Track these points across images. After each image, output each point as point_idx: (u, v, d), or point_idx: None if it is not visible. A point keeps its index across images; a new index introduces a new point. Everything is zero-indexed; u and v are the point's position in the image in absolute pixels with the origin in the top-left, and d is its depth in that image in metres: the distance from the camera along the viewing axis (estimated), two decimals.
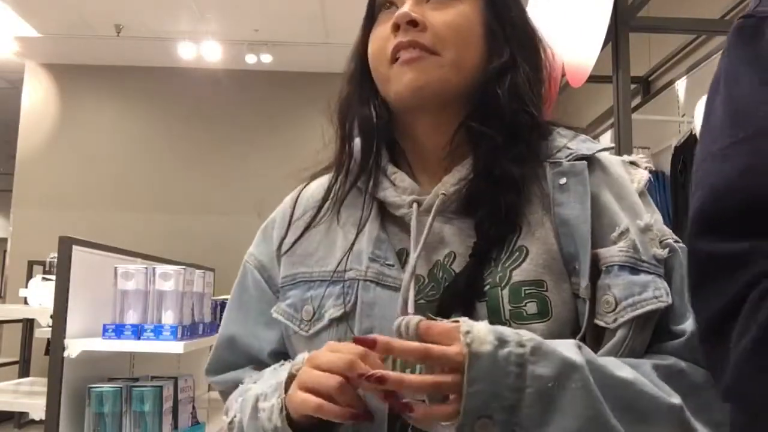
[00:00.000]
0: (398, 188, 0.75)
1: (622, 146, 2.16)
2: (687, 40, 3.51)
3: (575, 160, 0.73)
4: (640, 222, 0.70)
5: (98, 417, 2.18)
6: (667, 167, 3.17)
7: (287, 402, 0.66)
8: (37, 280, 3.14)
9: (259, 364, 0.81)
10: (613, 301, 0.66)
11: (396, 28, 0.73)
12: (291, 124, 6.50)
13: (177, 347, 2.18)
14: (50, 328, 2.22)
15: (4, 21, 5.45)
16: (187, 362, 3.12)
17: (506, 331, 0.59)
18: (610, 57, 2.22)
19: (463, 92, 0.74)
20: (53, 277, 2.37)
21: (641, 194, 0.74)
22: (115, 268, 2.27)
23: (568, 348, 0.60)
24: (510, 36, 0.77)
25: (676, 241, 0.71)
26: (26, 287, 3.15)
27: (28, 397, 2.68)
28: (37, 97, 6.44)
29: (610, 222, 0.70)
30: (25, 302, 3.14)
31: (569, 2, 2.61)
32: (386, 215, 0.76)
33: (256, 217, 1.07)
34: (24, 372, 5.44)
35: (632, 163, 0.78)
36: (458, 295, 0.68)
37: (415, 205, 0.73)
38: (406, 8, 0.72)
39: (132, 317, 2.24)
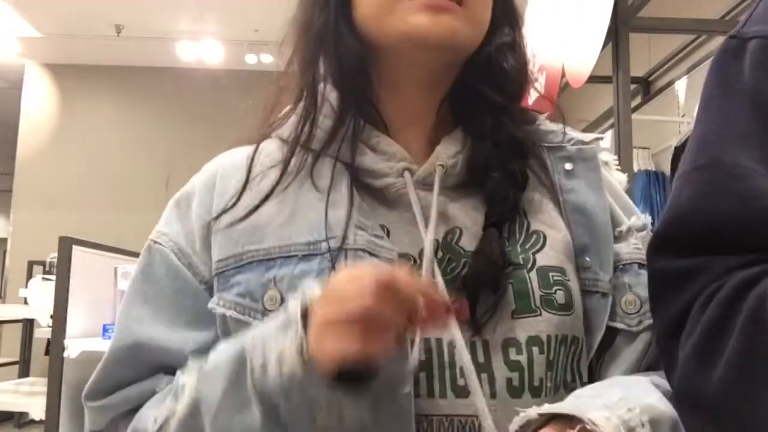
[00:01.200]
0: (383, 154, 0.63)
1: (622, 146, 2.15)
2: (687, 40, 3.51)
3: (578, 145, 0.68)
4: (638, 221, 0.66)
5: None
6: (667, 167, 3.17)
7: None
8: (37, 280, 3.14)
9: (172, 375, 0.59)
10: (638, 301, 0.61)
11: None
12: None
13: None
14: (50, 328, 2.22)
15: (6, 21, 5.45)
16: None
17: None
18: (610, 57, 2.22)
19: (470, 53, 0.65)
20: (53, 277, 2.37)
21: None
22: (115, 268, 2.27)
23: None
24: (510, 11, 0.71)
25: None
26: (26, 287, 3.15)
27: (28, 397, 2.68)
28: (37, 97, 6.44)
29: (614, 217, 0.65)
30: (25, 302, 3.14)
31: (569, 2, 2.61)
32: (359, 186, 0.63)
33: None
34: (24, 372, 5.44)
35: (606, 163, 0.73)
36: (485, 271, 0.58)
37: (407, 174, 0.62)
38: None
39: None
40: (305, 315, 0.49)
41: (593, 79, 2.41)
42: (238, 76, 6.47)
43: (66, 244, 2.21)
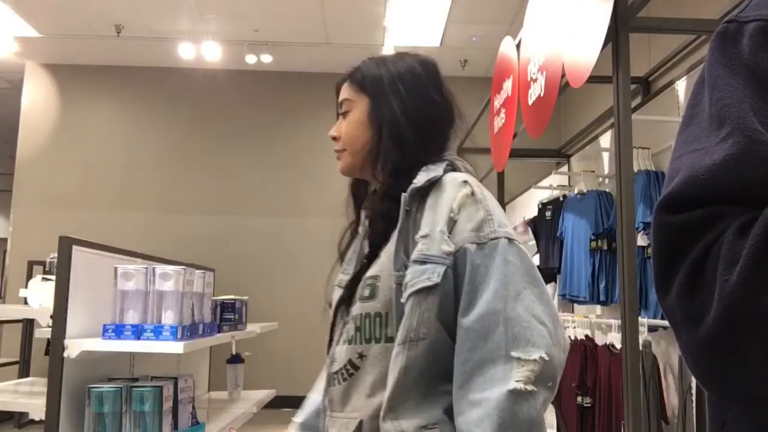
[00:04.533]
0: None
1: (622, 146, 2.15)
2: (687, 40, 3.51)
3: (415, 190, 1.03)
4: (437, 227, 0.98)
5: (98, 417, 2.18)
6: (666, 167, 3.17)
7: None
8: (37, 280, 3.13)
9: None
10: (406, 283, 0.97)
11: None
12: (291, 124, 6.50)
13: (177, 347, 2.18)
14: (50, 328, 2.21)
15: (5, 21, 5.45)
16: (187, 362, 3.12)
17: None
18: (610, 57, 2.22)
19: (366, 162, 1.14)
20: (53, 277, 2.37)
21: (461, 205, 1.00)
22: (115, 268, 2.27)
23: None
24: (390, 119, 1.10)
25: (475, 242, 0.97)
26: (26, 287, 3.15)
27: (28, 397, 2.68)
28: (37, 97, 6.44)
29: (421, 229, 1.00)
30: (25, 302, 3.14)
31: (569, 2, 2.61)
32: None
33: (255, 217, 1.09)
34: (24, 372, 5.44)
35: (465, 182, 1.03)
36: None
37: None
38: (332, 130, 1.18)
39: (132, 317, 2.24)
40: None
41: (593, 79, 2.40)
42: (238, 76, 6.48)
43: (66, 244, 2.21)
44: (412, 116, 1.11)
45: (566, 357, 0.99)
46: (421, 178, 1.04)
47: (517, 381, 0.88)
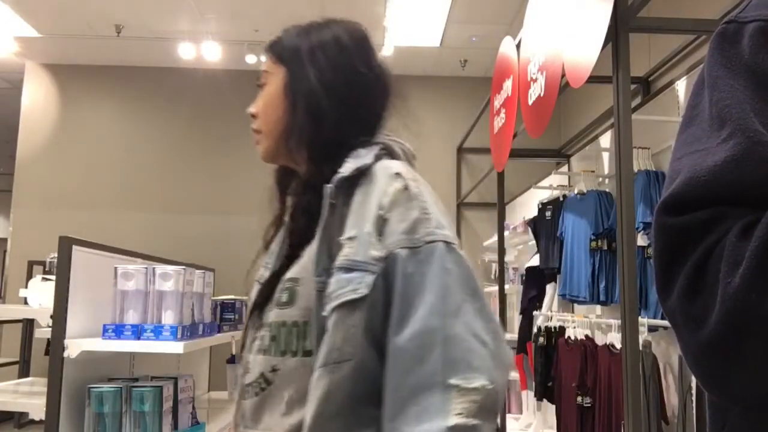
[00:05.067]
0: None
1: (622, 146, 2.15)
2: (687, 40, 3.51)
3: (341, 180, 0.89)
4: (365, 227, 0.85)
5: (98, 417, 2.18)
6: (666, 167, 3.17)
7: None
8: (37, 280, 3.13)
9: None
10: (329, 294, 0.84)
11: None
12: None
13: (177, 347, 2.18)
14: (50, 328, 2.21)
15: (4, 21, 5.45)
16: (187, 362, 3.12)
17: None
18: (610, 57, 2.22)
19: (283, 143, 1.02)
20: (53, 277, 2.37)
21: (393, 202, 0.86)
22: (115, 268, 2.27)
23: None
24: (305, 90, 0.98)
25: (408, 246, 0.84)
26: (26, 287, 3.15)
27: (28, 397, 2.68)
28: (37, 97, 6.44)
29: (347, 229, 0.87)
30: (25, 302, 3.14)
31: (569, 2, 2.61)
32: None
33: (255, 217, 1.07)
34: (24, 372, 5.44)
35: (398, 174, 0.89)
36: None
37: None
38: (251, 107, 1.09)
39: (132, 317, 2.24)
40: None
41: (593, 79, 2.40)
42: (237, 76, 6.47)
43: (66, 244, 2.21)
44: (332, 88, 0.97)
45: (509, 375, 0.88)
46: (348, 167, 0.90)
47: (457, 414, 0.76)
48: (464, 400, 0.77)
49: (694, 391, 2.52)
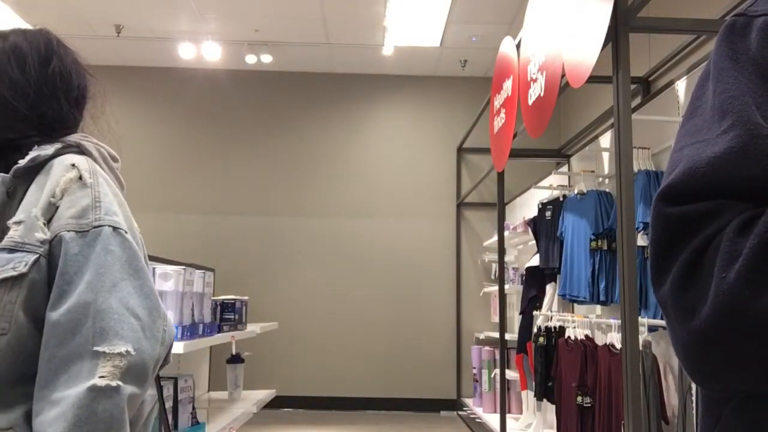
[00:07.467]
0: None
1: (622, 146, 2.15)
2: (687, 40, 3.51)
3: (20, 170, 0.95)
4: (32, 212, 0.91)
5: None
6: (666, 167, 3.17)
7: None
8: None
9: None
10: None
11: None
12: (291, 124, 6.50)
13: (177, 347, 2.18)
14: None
15: (5, 21, 5.45)
16: (187, 362, 3.12)
17: None
18: (610, 57, 2.22)
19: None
20: None
21: (64, 190, 0.94)
22: None
23: None
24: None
25: (75, 230, 0.90)
26: None
27: None
28: None
29: (16, 214, 0.92)
30: None
31: (569, 2, 2.61)
32: None
33: (255, 217, 1.07)
34: None
35: (73, 165, 0.97)
36: None
37: None
38: None
39: None
40: None
41: (593, 79, 2.41)
42: (237, 76, 6.48)
43: None
44: (5, 85, 1.03)
45: (168, 350, 0.97)
46: (26, 159, 0.97)
47: (100, 377, 0.83)
48: (109, 364, 0.85)
49: (694, 391, 2.52)
